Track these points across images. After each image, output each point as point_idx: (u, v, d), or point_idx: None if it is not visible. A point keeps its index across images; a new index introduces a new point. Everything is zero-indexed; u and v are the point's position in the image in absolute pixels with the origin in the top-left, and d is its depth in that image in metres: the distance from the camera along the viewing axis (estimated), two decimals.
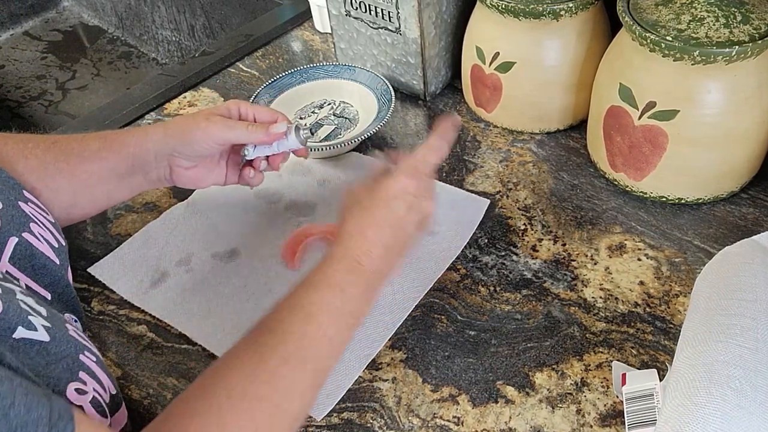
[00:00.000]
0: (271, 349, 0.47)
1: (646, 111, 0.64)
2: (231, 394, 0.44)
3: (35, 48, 1.68)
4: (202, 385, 0.46)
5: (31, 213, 0.57)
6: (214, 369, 0.47)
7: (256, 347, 0.47)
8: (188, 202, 0.75)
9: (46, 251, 0.56)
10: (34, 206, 0.58)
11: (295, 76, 0.85)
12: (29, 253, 0.54)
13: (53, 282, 0.56)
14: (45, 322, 0.46)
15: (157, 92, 0.91)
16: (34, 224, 0.56)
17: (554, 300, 0.62)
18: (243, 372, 0.46)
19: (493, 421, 0.54)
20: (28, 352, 0.44)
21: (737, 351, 0.46)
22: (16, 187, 0.57)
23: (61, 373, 0.45)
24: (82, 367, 0.47)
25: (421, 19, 0.78)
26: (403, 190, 0.56)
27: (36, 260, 0.55)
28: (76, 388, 0.46)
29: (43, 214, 0.58)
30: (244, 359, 0.47)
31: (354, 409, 0.56)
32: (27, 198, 0.58)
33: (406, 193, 0.55)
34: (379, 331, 0.61)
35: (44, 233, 0.57)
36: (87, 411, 0.46)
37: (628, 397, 0.51)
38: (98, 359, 0.50)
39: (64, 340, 0.47)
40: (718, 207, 0.69)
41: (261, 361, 0.46)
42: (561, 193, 0.72)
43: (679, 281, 0.62)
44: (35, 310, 0.47)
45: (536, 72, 0.74)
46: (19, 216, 0.55)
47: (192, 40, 1.50)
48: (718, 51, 0.58)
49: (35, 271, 0.54)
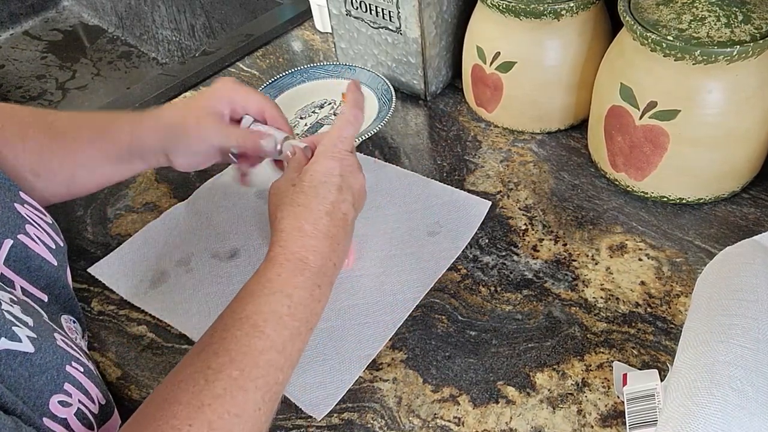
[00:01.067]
0: (215, 371, 0.44)
1: (647, 111, 0.64)
2: (175, 424, 0.41)
3: (35, 48, 1.68)
4: (143, 417, 0.43)
5: (27, 215, 0.56)
6: (157, 397, 0.44)
7: (201, 369, 0.44)
8: (188, 202, 0.75)
9: (42, 252, 0.55)
10: (30, 207, 0.58)
11: (295, 75, 0.85)
12: (24, 255, 0.53)
13: (50, 283, 0.55)
14: (30, 332, 0.45)
15: (157, 92, 0.91)
16: (29, 226, 0.55)
17: (555, 300, 0.62)
18: (187, 400, 0.42)
19: (494, 421, 0.54)
20: (10, 363, 0.43)
21: (738, 351, 0.46)
22: (13, 189, 0.57)
23: (44, 385, 0.44)
24: (67, 379, 0.46)
25: (421, 18, 0.78)
26: (328, 172, 0.53)
27: (32, 262, 0.54)
28: (60, 401, 0.45)
29: (39, 215, 0.58)
30: (188, 385, 0.43)
31: (354, 410, 0.56)
32: (23, 199, 0.57)
33: (332, 175, 0.53)
34: (379, 332, 0.61)
35: (40, 234, 0.56)
36: (71, 423, 0.45)
37: (629, 398, 0.51)
38: (86, 370, 0.49)
39: (50, 350, 0.46)
40: (719, 207, 0.69)
41: (206, 385, 0.43)
42: (562, 193, 0.72)
43: (680, 281, 0.62)
44: (21, 320, 0.46)
45: (537, 72, 0.74)
46: (14, 218, 0.54)
47: (192, 40, 1.50)
48: (719, 51, 0.58)
49: (31, 273, 0.54)
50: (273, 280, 0.49)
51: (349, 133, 0.56)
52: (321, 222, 0.51)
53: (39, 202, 0.59)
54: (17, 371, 0.43)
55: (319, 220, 0.51)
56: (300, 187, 0.53)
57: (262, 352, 0.46)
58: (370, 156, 0.79)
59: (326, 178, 0.53)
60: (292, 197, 0.52)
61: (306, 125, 0.82)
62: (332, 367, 0.58)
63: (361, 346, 0.60)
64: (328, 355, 0.59)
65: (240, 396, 0.43)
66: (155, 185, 0.79)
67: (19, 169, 0.60)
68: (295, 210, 0.52)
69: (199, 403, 0.42)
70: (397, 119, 0.84)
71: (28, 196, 0.58)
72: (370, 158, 0.78)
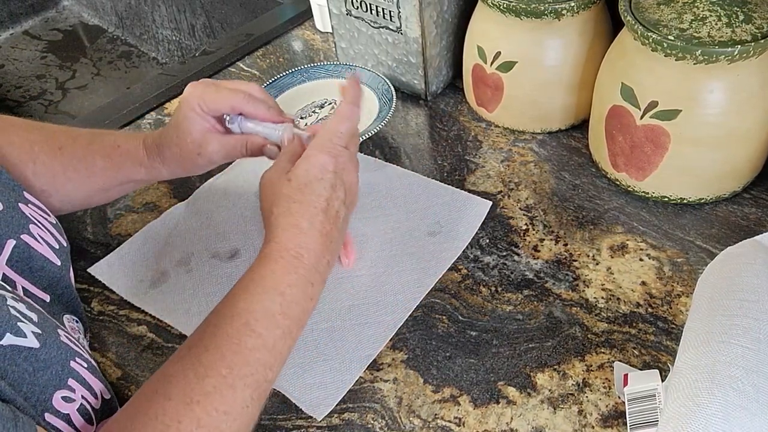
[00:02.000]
0: (206, 367, 0.44)
1: (648, 111, 0.64)
2: (164, 421, 0.41)
3: (35, 47, 1.68)
4: (134, 410, 0.43)
5: (31, 215, 0.56)
6: (147, 390, 0.44)
7: (191, 365, 0.44)
8: (188, 202, 0.75)
9: (46, 252, 0.55)
10: (35, 207, 0.58)
11: (295, 75, 0.85)
12: (27, 255, 0.53)
13: (52, 283, 0.55)
14: (35, 328, 0.46)
15: (157, 92, 0.90)
16: (33, 226, 0.56)
17: (556, 300, 0.62)
18: (177, 395, 0.43)
19: (495, 421, 0.54)
20: (15, 358, 0.43)
21: (739, 351, 0.46)
22: (17, 189, 0.57)
23: (48, 381, 0.44)
24: (71, 374, 0.46)
25: (422, 18, 0.77)
26: (323, 168, 0.52)
27: (34, 262, 0.54)
28: (63, 396, 0.45)
29: (43, 215, 0.58)
30: (178, 380, 0.44)
31: (355, 410, 0.56)
32: (27, 199, 0.57)
33: (326, 171, 0.52)
34: (380, 332, 0.61)
35: (44, 234, 0.56)
36: (73, 418, 0.45)
37: (630, 398, 0.51)
38: (90, 365, 0.49)
39: (54, 346, 0.46)
40: (720, 207, 0.69)
41: (196, 382, 0.43)
42: (562, 193, 0.72)
43: (681, 281, 0.62)
44: (26, 316, 0.46)
45: (538, 71, 0.74)
46: (18, 218, 0.55)
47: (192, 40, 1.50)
48: (720, 50, 0.58)
49: (33, 274, 0.54)
50: (266, 277, 0.49)
51: (344, 128, 0.55)
52: (316, 219, 0.51)
53: (51, 212, 0.60)
54: (22, 366, 0.43)
55: (314, 217, 0.51)
56: (295, 182, 0.52)
57: (252, 350, 0.46)
58: (370, 156, 0.78)
59: (321, 174, 0.52)
60: (288, 193, 0.52)
61: (306, 125, 0.82)
62: (333, 367, 0.58)
63: (362, 346, 0.60)
64: (329, 355, 0.59)
65: (229, 394, 0.44)
66: (155, 185, 0.79)
67: (30, 188, 0.60)
68: (291, 206, 0.51)
69: (188, 400, 0.42)
70: (397, 119, 0.84)
71: (33, 196, 0.59)
72: (370, 158, 0.78)
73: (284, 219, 0.51)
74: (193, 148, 0.61)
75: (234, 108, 0.61)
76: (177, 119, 0.62)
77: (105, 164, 0.63)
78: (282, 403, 0.57)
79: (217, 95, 0.60)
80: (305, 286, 0.49)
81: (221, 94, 0.60)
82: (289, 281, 0.49)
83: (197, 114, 0.60)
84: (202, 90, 0.60)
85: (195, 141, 0.61)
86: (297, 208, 0.51)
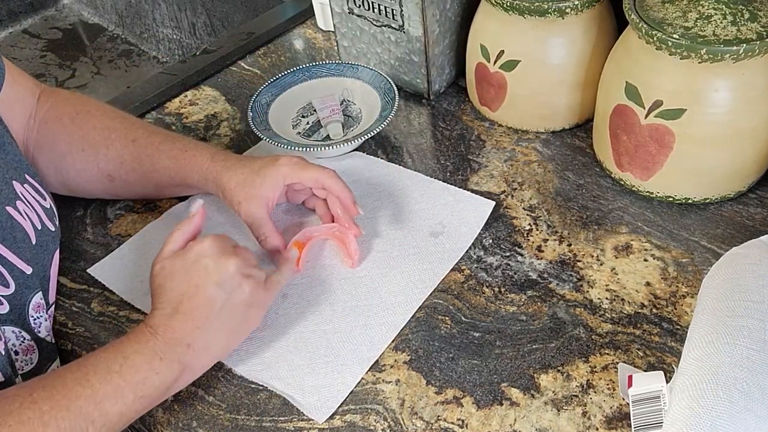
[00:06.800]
0: (32, 400, 0.48)
1: (653, 110, 0.63)
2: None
3: (34, 46, 1.67)
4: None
5: (22, 193, 0.60)
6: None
7: (27, 393, 0.48)
8: (188, 203, 0.75)
9: (27, 228, 0.59)
10: (31, 189, 0.61)
11: (297, 74, 0.84)
12: (10, 225, 0.58)
13: (33, 258, 0.60)
14: None
15: (157, 91, 0.90)
16: (21, 203, 0.60)
17: (559, 301, 0.62)
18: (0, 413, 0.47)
19: (498, 423, 0.54)
20: None
21: (744, 353, 0.46)
22: (20, 169, 0.61)
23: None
24: None
25: (424, 16, 0.77)
26: (200, 252, 0.56)
27: (17, 233, 0.58)
28: None
29: (38, 198, 0.62)
30: (9, 402, 0.47)
31: (357, 412, 0.55)
32: (25, 179, 0.61)
33: (203, 256, 0.56)
34: (382, 333, 0.60)
35: (30, 213, 0.60)
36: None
37: (635, 400, 0.51)
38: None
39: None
40: (725, 207, 0.68)
41: (19, 408, 0.47)
42: (566, 192, 0.72)
43: (686, 282, 0.62)
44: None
45: (541, 70, 0.74)
46: (8, 192, 0.59)
47: (193, 38, 1.50)
48: (725, 49, 0.58)
49: (16, 243, 0.58)
50: (121, 342, 0.53)
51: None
52: (181, 304, 0.54)
53: (114, 197, 0.72)
54: None
55: (181, 298, 0.54)
56: (179, 261, 0.56)
57: (78, 398, 0.49)
58: (372, 156, 0.78)
59: (197, 258, 0.56)
60: (169, 272, 0.56)
61: (308, 123, 0.82)
62: (334, 368, 0.58)
63: (364, 347, 0.59)
64: (330, 356, 0.59)
65: (39, 430, 0.47)
66: None
67: (99, 171, 0.69)
68: (165, 286, 0.55)
69: (3, 421, 0.46)
70: (399, 118, 0.83)
71: (36, 180, 0.63)
72: (372, 158, 0.78)
73: (155, 298, 0.56)
74: (241, 199, 0.65)
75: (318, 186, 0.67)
76: (260, 168, 0.65)
77: (169, 164, 0.68)
78: (283, 405, 0.56)
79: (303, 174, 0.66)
80: (152, 357, 0.52)
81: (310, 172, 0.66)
82: (136, 348, 0.52)
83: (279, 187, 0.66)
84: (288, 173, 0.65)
85: (248, 196, 0.65)
86: (169, 289, 0.55)
